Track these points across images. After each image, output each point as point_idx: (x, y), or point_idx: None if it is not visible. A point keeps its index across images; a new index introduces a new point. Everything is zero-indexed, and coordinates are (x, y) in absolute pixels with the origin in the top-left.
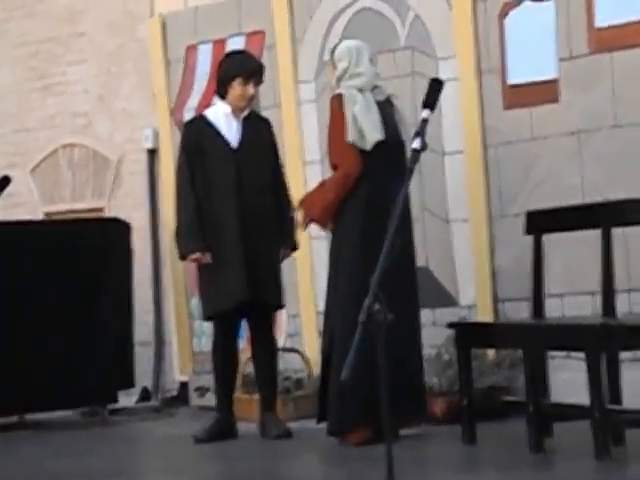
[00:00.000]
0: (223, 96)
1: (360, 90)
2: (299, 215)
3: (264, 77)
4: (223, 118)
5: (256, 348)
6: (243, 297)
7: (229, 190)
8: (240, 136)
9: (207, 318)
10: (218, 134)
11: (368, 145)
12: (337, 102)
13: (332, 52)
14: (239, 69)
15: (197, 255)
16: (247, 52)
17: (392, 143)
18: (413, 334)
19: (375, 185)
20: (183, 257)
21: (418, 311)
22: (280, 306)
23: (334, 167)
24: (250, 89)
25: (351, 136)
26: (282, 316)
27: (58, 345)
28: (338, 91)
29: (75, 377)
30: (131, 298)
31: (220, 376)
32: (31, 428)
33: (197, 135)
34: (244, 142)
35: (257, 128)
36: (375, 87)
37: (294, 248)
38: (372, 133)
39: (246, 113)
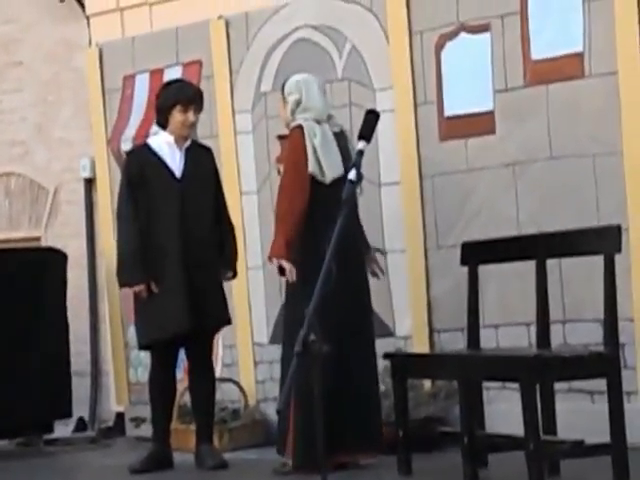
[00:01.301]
0: (164, 126)
1: (317, 122)
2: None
3: (203, 104)
4: (166, 147)
5: (194, 378)
6: (183, 327)
7: (173, 219)
8: (183, 166)
9: (143, 347)
10: (162, 163)
11: (327, 179)
12: (297, 133)
13: (282, 88)
14: (178, 96)
15: (141, 287)
16: (185, 80)
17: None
18: (370, 365)
19: (330, 218)
20: (125, 286)
21: (374, 342)
22: (228, 321)
23: (279, 191)
24: (190, 116)
25: (311, 167)
26: (218, 346)
27: None
28: (297, 122)
29: (10, 407)
30: (67, 327)
31: (157, 407)
32: None
33: (140, 164)
34: (187, 172)
35: (199, 157)
36: (329, 117)
37: (234, 274)
38: (331, 169)
39: (189, 143)
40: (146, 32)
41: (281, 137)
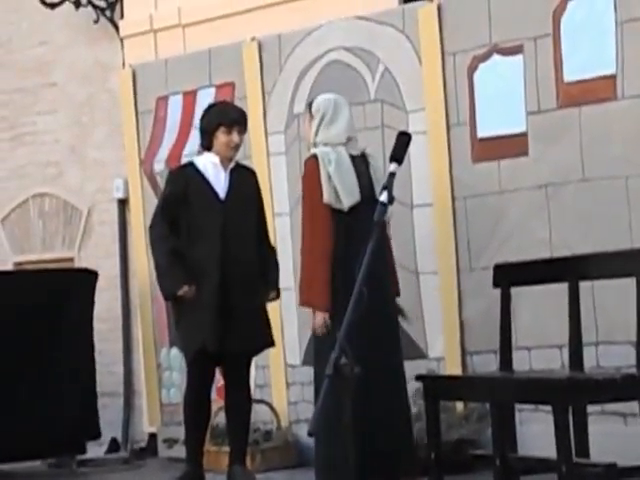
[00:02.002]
0: (208, 147)
1: (334, 145)
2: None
3: (247, 125)
4: (211, 168)
5: (231, 398)
6: (213, 346)
7: (214, 238)
8: (227, 187)
9: (188, 363)
10: (207, 183)
11: (345, 206)
12: (311, 164)
13: (309, 105)
14: (222, 118)
15: (185, 289)
16: (228, 102)
17: (367, 202)
18: (400, 389)
19: (352, 246)
20: (169, 296)
21: (402, 365)
22: (271, 343)
23: (302, 227)
24: (235, 137)
25: (327, 196)
26: (251, 368)
27: (25, 395)
28: (312, 152)
29: (43, 427)
30: (93, 348)
31: (191, 427)
32: None
33: (185, 182)
34: (231, 193)
35: (243, 179)
36: (349, 139)
37: (277, 296)
38: (348, 196)
39: (233, 164)
40: (179, 54)
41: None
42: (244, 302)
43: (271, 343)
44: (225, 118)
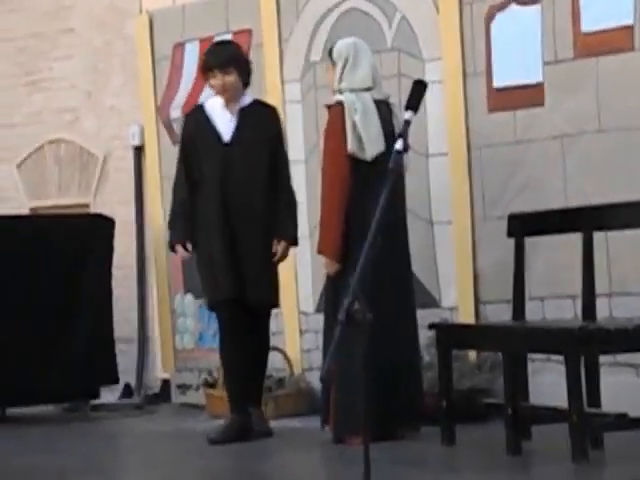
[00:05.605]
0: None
1: (360, 90)
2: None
3: (238, 60)
4: (219, 109)
5: (248, 343)
6: (227, 295)
7: (214, 184)
8: (234, 129)
9: (209, 308)
10: (212, 127)
11: (368, 156)
12: (336, 111)
13: (330, 52)
14: (202, 66)
15: (179, 249)
16: (212, 45)
17: (390, 150)
18: (412, 337)
19: (371, 195)
20: (170, 248)
21: (415, 313)
22: (273, 305)
23: (322, 176)
24: (217, 80)
25: (351, 146)
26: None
27: (40, 340)
28: (337, 98)
29: (57, 372)
30: (111, 294)
31: (228, 375)
32: (12, 422)
33: (193, 126)
34: (237, 136)
35: (257, 119)
36: (375, 84)
37: (293, 243)
38: (372, 146)
39: (247, 102)
40: (196, 0)
41: (329, 106)
42: (251, 252)
43: (271, 304)
44: (204, 65)
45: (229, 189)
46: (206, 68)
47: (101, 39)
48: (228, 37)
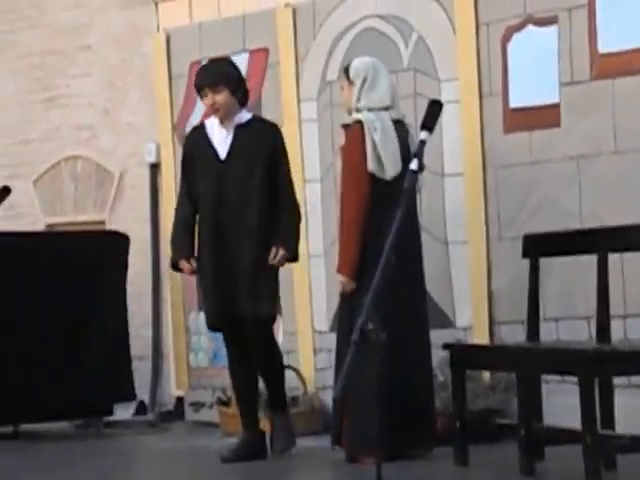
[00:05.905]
0: None
1: (378, 110)
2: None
3: (225, 78)
4: (216, 128)
5: (257, 357)
6: (216, 319)
7: (209, 201)
8: (229, 146)
9: (209, 329)
10: (210, 145)
11: (388, 176)
12: (356, 130)
13: (345, 70)
14: (194, 86)
15: (182, 264)
16: (202, 66)
17: (406, 170)
18: (425, 357)
19: (389, 214)
20: (171, 267)
21: (428, 333)
22: (270, 318)
23: (342, 195)
24: (208, 100)
25: (371, 165)
26: (279, 333)
27: (55, 356)
28: (355, 117)
29: (71, 389)
30: (126, 311)
31: (237, 394)
32: (25, 439)
33: (193, 146)
34: (232, 153)
35: (253, 135)
36: (392, 103)
37: (291, 258)
38: (391, 165)
39: (243, 120)
40: (214, 19)
41: (346, 126)
42: (244, 269)
43: (263, 316)
44: (195, 85)
45: (223, 206)
46: (197, 88)
47: (118, 57)
48: (245, 56)
